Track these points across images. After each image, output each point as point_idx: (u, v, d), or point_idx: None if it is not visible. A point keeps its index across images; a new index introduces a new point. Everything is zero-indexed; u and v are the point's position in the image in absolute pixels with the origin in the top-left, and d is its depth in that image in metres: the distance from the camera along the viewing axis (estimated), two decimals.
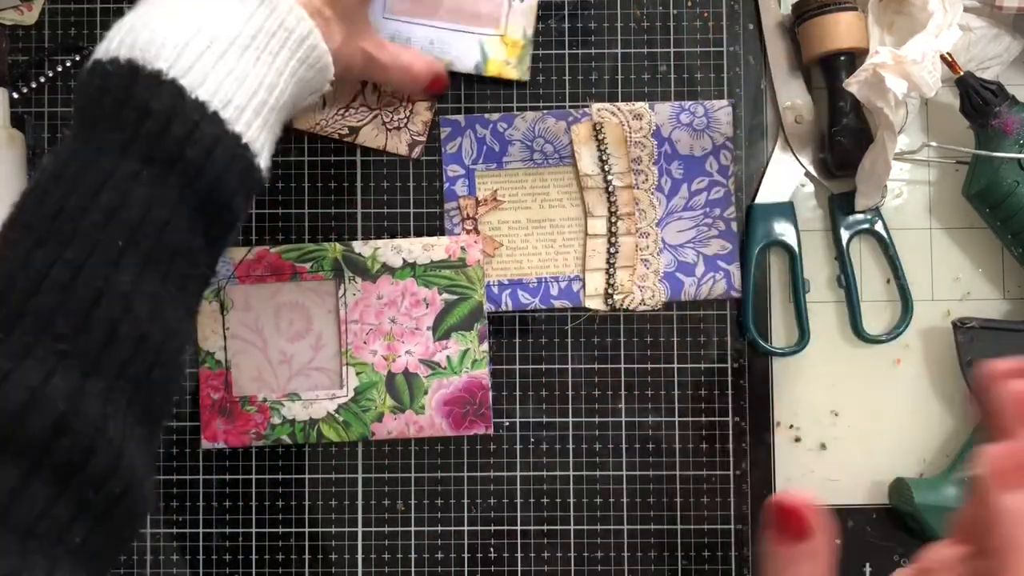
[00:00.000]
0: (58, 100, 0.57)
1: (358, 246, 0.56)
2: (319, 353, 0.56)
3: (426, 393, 0.56)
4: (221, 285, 0.55)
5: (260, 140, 0.40)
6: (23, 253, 0.35)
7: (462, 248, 0.56)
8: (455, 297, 0.56)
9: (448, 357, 0.56)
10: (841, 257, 0.57)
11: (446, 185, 0.57)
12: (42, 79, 0.57)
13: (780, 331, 0.57)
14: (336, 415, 0.56)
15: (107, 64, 0.38)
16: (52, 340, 0.34)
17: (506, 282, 0.57)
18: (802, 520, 0.33)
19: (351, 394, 0.56)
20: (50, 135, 0.57)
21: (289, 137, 0.57)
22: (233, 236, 0.41)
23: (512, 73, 0.56)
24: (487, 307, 0.56)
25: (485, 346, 0.56)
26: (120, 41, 0.38)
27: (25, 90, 0.57)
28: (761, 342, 0.56)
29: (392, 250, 0.56)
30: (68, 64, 0.57)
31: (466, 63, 0.56)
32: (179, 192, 0.37)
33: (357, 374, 0.56)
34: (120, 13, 0.57)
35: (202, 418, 0.56)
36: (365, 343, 0.56)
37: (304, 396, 0.56)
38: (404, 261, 0.56)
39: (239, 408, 0.56)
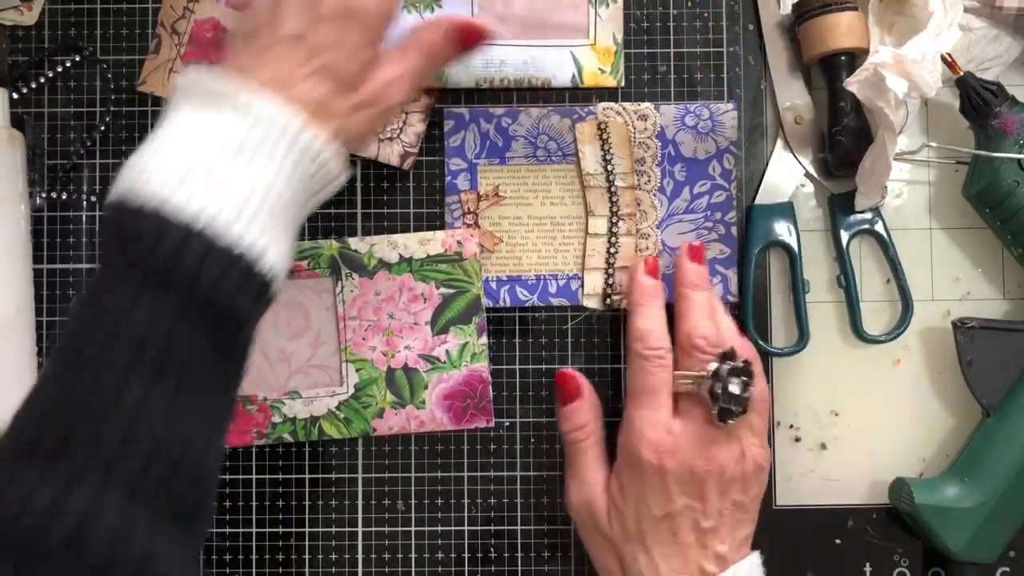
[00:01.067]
0: (58, 100, 0.57)
1: (354, 243, 0.56)
2: (318, 351, 0.56)
3: (426, 388, 0.56)
4: None
5: (263, 241, 0.41)
6: (49, 377, 0.40)
7: (458, 242, 0.56)
8: (452, 291, 0.56)
9: (447, 351, 0.56)
10: (841, 257, 0.57)
11: (448, 179, 0.57)
12: (42, 79, 0.57)
13: (780, 331, 0.57)
14: (337, 412, 0.56)
15: (109, 206, 0.41)
16: (71, 457, 0.37)
17: (504, 278, 0.57)
18: (573, 382, 0.54)
19: (351, 391, 0.56)
20: (50, 135, 0.57)
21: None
22: (247, 335, 0.43)
23: (608, 81, 0.57)
24: (486, 302, 0.56)
25: (484, 339, 0.56)
26: (120, 182, 0.41)
27: (25, 90, 0.57)
28: (761, 342, 0.56)
29: (388, 246, 0.56)
30: (68, 64, 0.57)
31: (563, 78, 0.56)
32: (178, 306, 0.40)
33: (357, 370, 0.56)
34: (120, 13, 0.58)
35: None
36: (364, 339, 0.56)
37: (304, 394, 0.56)
38: (400, 256, 0.56)
39: (240, 407, 0.56)
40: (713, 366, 0.49)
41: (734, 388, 0.49)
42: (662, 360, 0.51)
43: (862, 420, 0.58)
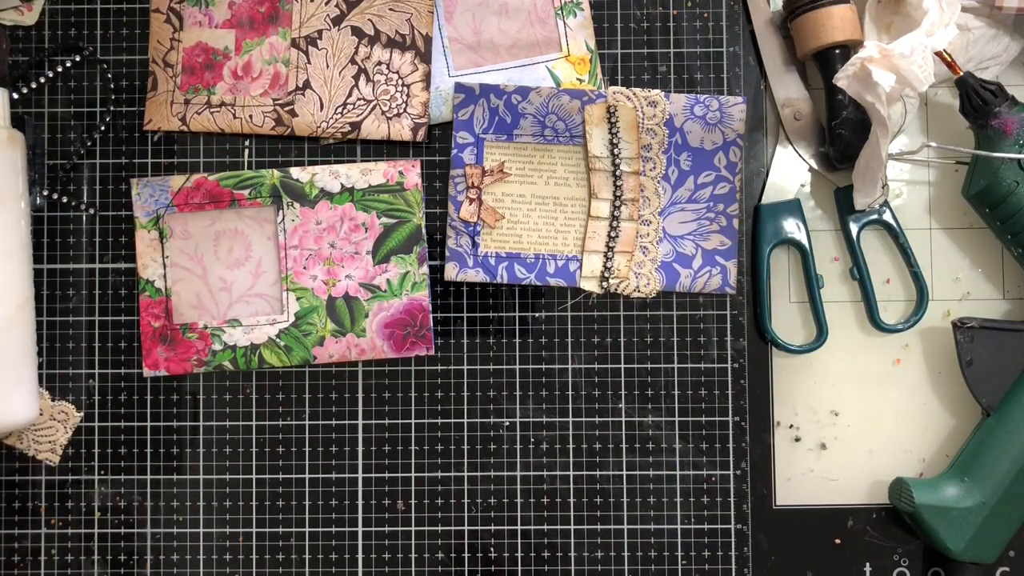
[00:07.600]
0: (58, 100, 0.57)
1: (296, 172, 0.56)
2: (259, 279, 0.57)
3: (367, 316, 0.56)
4: (160, 214, 0.56)
5: None
6: None
7: (400, 172, 0.56)
8: (394, 221, 0.56)
9: (388, 280, 0.56)
10: (852, 249, 0.57)
11: (454, 152, 0.57)
12: (42, 79, 0.57)
13: (780, 329, 0.57)
14: (277, 340, 0.56)
15: None
16: None
17: (503, 255, 0.57)
18: None
19: (292, 319, 0.56)
20: (50, 135, 0.57)
21: (289, 140, 0.57)
22: None
23: (587, 89, 0.57)
24: (483, 277, 0.56)
25: (425, 268, 0.56)
26: None
27: (25, 90, 0.57)
28: (782, 341, 0.56)
29: (330, 175, 0.56)
30: (68, 64, 0.57)
31: None
32: None
33: (298, 299, 0.56)
34: (120, 13, 0.58)
35: (143, 346, 0.56)
36: (305, 268, 0.56)
37: (245, 322, 0.56)
38: (342, 186, 0.56)
39: (180, 335, 0.56)
40: None
41: None
42: None
43: (862, 420, 0.58)
